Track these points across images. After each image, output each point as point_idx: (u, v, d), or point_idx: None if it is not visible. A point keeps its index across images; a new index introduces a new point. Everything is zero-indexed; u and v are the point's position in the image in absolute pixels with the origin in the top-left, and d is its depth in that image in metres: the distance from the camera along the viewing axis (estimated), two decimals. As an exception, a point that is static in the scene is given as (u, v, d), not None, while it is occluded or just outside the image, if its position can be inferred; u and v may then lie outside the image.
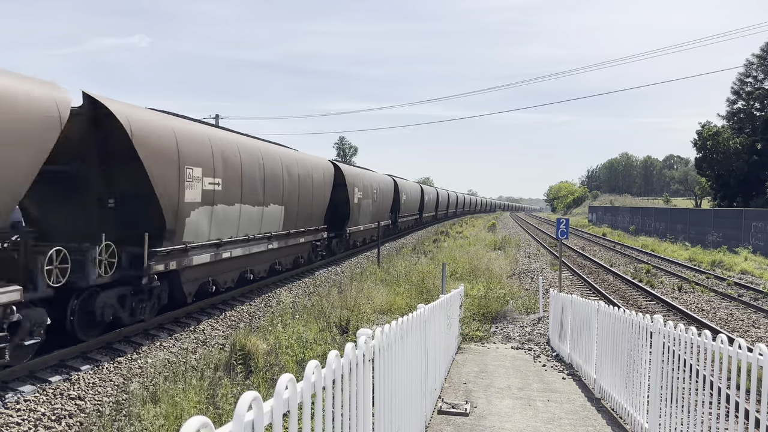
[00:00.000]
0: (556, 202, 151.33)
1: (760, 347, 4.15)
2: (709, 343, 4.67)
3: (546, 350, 10.86)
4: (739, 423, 4.44)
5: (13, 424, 6.83)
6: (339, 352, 2.81)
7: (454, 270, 18.49)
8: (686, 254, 29.71)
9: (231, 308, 13.76)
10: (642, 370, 5.99)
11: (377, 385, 3.68)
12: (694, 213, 40.51)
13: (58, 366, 8.83)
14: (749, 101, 48.81)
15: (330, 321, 11.30)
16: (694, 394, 5.00)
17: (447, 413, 6.80)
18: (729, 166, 46.43)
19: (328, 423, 2.68)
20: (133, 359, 9.58)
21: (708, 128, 48.73)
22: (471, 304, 13.54)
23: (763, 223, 29.75)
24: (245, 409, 1.80)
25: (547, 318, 13.33)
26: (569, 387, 8.31)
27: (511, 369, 9.35)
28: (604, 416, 6.94)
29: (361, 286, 14.31)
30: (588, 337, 8.30)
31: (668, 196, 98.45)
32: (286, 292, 16.14)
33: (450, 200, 70.47)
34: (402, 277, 17.11)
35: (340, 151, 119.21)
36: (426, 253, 25.24)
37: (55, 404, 7.55)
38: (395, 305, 13.29)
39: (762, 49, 47.82)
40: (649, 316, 5.88)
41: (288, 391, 2.16)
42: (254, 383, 7.82)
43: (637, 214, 51.59)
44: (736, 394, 4.59)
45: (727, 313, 15.04)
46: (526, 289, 17.79)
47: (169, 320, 11.92)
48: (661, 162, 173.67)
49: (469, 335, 11.60)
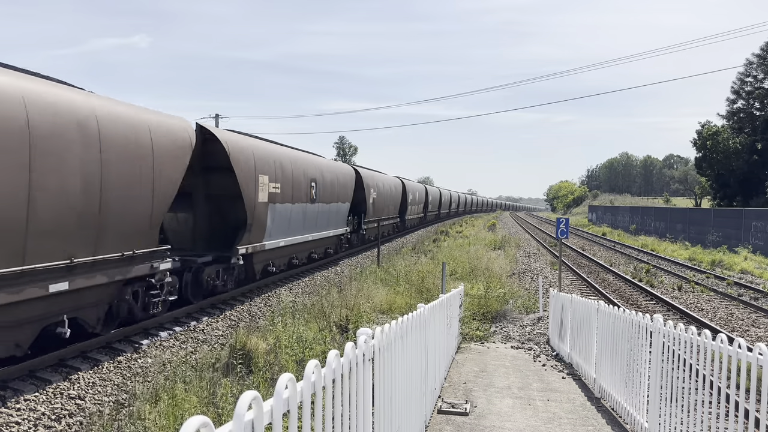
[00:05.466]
0: (556, 202, 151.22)
1: (760, 347, 4.15)
2: (708, 343, 4.67)
3: (546, 350, 10.86)
4: (739, 423, 4.44)
5: (13, 424, 6.83)
6: (339, 352, 2.81)
7: (454, 269, 18.49)
8: (686, 254, 29.71)
9: (231, 308, 13.77)
10: (642, 369, 5.99)
11: (377, 384, 3.67)
12: (694, 212, 40.49)
13: (58, 366, 8.83)
14: (749, 101, 48.75)
15: (330, 320, 11.30)
16: (694, 394, 5.01)
17: (447, 413, 6.80)
18: (729, 165, 46.39)
19: (328, 422, 2.68)
20: (133, 359, 9.58)
21: (708, 128, 48.66)
22: (471, 304, 13.54)
23: (763, 223, 29.75)
24: (245, 408, 1.80)
25: (546, 317, 13.33)
26: (569, 386, 8.31)
27: (510, 368, 9.35)
28: (603, 416, 6.94)
29: (360, 286, 14.32)
30: (588, 336, 8.30)
31: (668, 195, 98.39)
32: (286, 292, 16.14)
33: (451, 200, 70.58)
34: (402, 276, 17.11)
35: (340, 151, 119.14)
36: (426, 253, 25.23)
37: (55, 404, 7.55)
38: (395, 305, 13.28)
39: (762, 48, 47.75)
40: (649, 316, 5.88)
41: (288, 391, 2.16)
42: (254, 383, 7.82)
43: (637, 213, 51.55)
44: (736, 394, 4.59)
45: (726, 312, 15.04)
46: (525, 289, 17.79)
47: (169, 320, 11.94)
48: (661, 162, 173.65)
49: (469, 335, 11.60)
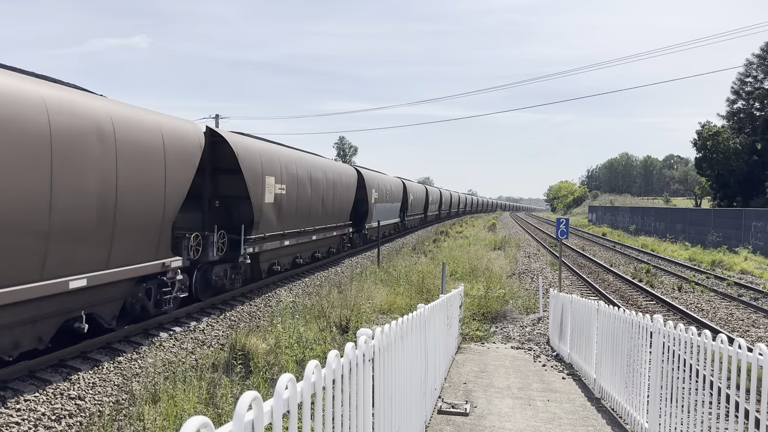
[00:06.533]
0: (556, 202, 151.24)
1: (760, 347, 4.15)
2: (709, 343, 4.67)
3: (546, 350, 10.86)
4: (739, 423, 4.44)
5: (13, 424, 6.83)
6: (339, 352, 2.81)
7: (454, 270, 18.49)
8: (686, 254, 29.71)
9: (231, 308, 13.76)
10: (642, 369, 5.99)
11: (377, 385, 3.67)
12: (694, 213, 40.48)
13: (58, 366, 8.83)
14: (749, 101, 48.75)
15: (330, 321, 11.30)
16: (694, 394, 5.00)
17: (447, 413, 6.80)
18: (729, 166, 46.38)
19: (328, 423, 2.68)
20: (133, 359, 9.58)
21: (708, 128, 48.66)
22: (471, 304, 13.54)
23: (763, 223, 29.74)
24: (245, 408, 1.79)
25: (546, 318, 13.33)
26: (569, 387, 8.31)
27: (511, 369, 9.35)
28: (604, 416, 6.94)
29: (361, 286, 14.32)
30: (588, 336, 8.30)
31: (668, 196, 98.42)
32: (286, 292, 16.13)
33: (451, 200, 70.57)
34: (402, 276, 17.11)
35: (340, 151, 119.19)
36: (426, 253, 25.23)
37: (55, 404, 7.55)
38: (395, 305, 13.28)
39: (762, 49, 47.77)
40: (649, 316, 5.88)
41: (288, 391, 2.16)
42: (254, 383, 7.82)
43: (637, 213, 51.55)
44: (736, 394, 4.58)
45: (727, 312, 15.04)
46: (526, 289, 17.78)
47: (169, 320, 11.93)
48: (661, 162, 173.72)
49: (469, 335, 11.60)
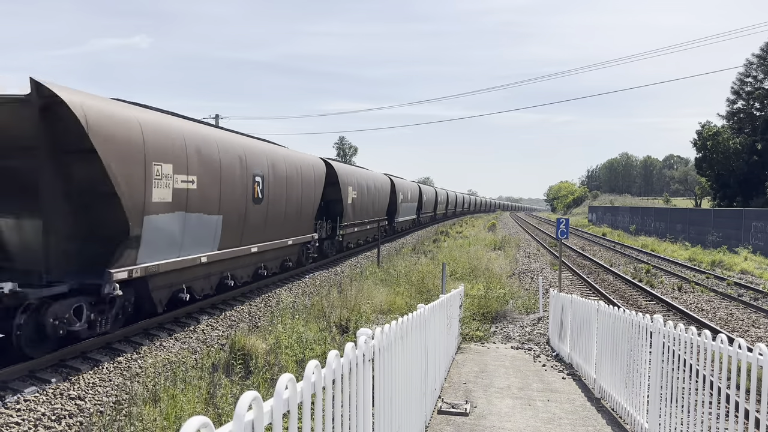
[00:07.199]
0: (556, 202, 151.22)
1: (760, 347, 4.15)
2: (709, 343, 4.67)
3: (546, 350, 10.86)
4: (739, 423, 4.44)
5: (13, 424, 6.83)
6: (339, 352, 2.81)
7: (454, 270, 18.48)
8: (686, 254, 29.71)
9: (231, 308, 13.76)
10: (642, 369, 5.99)
11: (377, 385, 3.67)
12: (694, 213, 40.48)
13: (58, 366, 8.83)
14: (749, 101, 48.77)
15: (330, 321, 11.30)
16: (694, 394, 5.00)
17: (447, 413, 6.80)
18: (729, 166, 46.39)
19: (328, 423, 2.68)
20: (133, 359, 9.58)
21: (708, 128, 48.67)
22: (471, 304, 13.54)
23: (763, 223, 29.74)
24: (245, 408, 1.79)
25: (546, 318, 13.33)
26: (569, 387, 8.31)
27: (510, 369, 9.35)
28: (604, 416, 6.94)
29: (361, 286, 14.31)
30: (588, 337, 8.30)
31: (668, 196, 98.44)
32: (286, 292, 16.13)
33: (449, 200, 70.45)
34: (402, 277, 17.11)
35: (340, 151, 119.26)
36: (426, 253, 25.23)
37: (55, 404, 7.55)
38: (395, 305, 13.28)
39: (762, 49, 47.78)
40: (649, 316, 5.87)
41: (288, 391, 2.16)
42: (254, 383, 7.82)
43: (637, 214, 51.55)
44: (736, 394, 4.58)
45: (727, 313, 15.04)
46: (525, 289, 17.78)
47: (169, 320, 11.93)
48: (661, 162, 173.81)
49: (469, 335, 11.60)
